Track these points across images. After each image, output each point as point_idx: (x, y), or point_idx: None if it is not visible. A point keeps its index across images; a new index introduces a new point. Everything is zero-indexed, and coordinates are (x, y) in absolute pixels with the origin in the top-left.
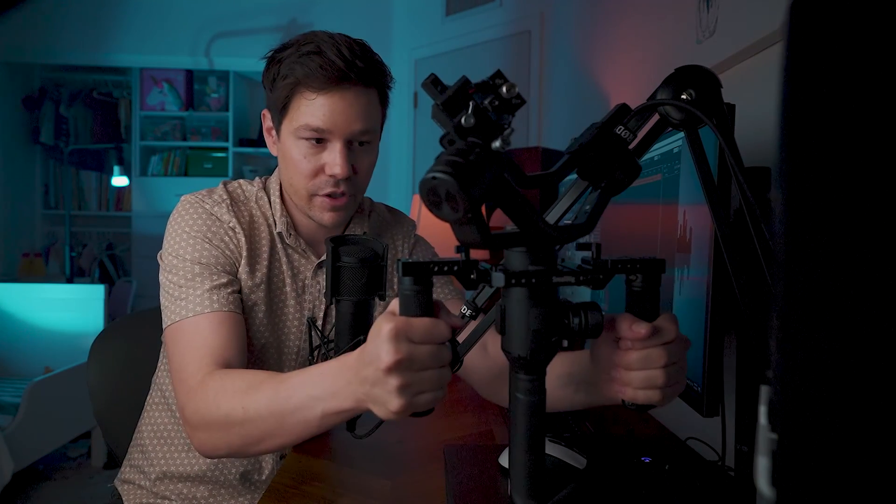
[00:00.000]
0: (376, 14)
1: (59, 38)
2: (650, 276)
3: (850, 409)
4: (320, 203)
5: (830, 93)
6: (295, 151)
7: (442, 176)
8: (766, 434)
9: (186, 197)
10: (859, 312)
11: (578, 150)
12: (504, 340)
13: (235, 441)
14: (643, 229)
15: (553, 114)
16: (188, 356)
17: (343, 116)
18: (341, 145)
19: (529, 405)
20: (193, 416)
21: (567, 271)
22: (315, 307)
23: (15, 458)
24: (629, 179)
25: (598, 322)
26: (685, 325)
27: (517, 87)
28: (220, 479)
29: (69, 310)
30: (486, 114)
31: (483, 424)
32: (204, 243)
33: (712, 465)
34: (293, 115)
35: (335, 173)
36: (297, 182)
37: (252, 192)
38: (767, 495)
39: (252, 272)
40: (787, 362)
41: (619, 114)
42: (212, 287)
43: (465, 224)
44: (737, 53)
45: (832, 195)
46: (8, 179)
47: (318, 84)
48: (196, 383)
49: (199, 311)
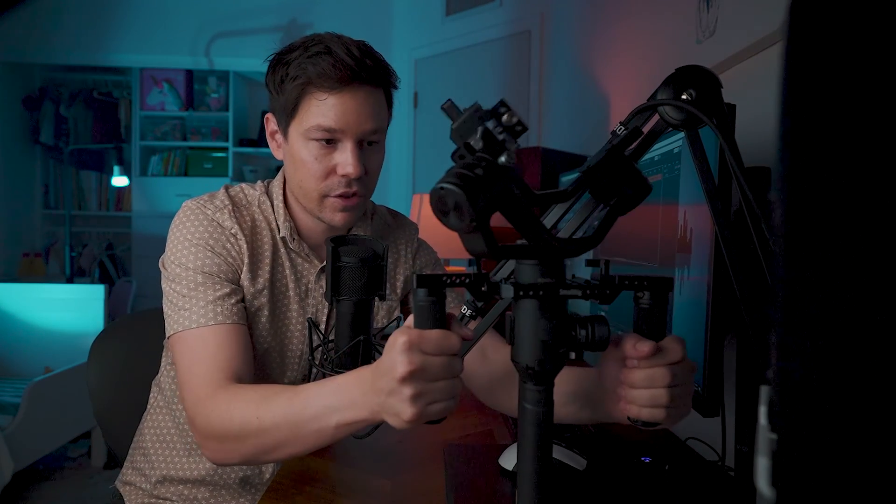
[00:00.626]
0: (376, 14)
1: (59, 38)
2: (658, 294)
3: (850, 409)
4: (332, 204)
5: (830, 93)
6: (305, 153)
7: (449, 186)
8: (766, 434)
9: (188, 203)
10: (859, 312)
11: (588, 171)
12: (513, 351)
13: (249, 451)
14: (644, 230)
15: (553, 114)
16: (196, 368)
17: (354, 116)
18: (353, 145)
19: (538, 415)
20: (205, 428)
21: (575, 285)
22: (318, 311)
23: (15, 458)
24: (639, 198)
25: (604, 335)
26: (685, 326)
27: (517, 115)
28: (220, 482)
29: (69, 310)
30: (494, 136)
31: (483, 424)
32: (206, 251)
33: (712, 465)
34: (303, 117)
35: (348, 173)
36: (308, 184)
37: (254, 197)
38: (767, 495)
39: (254, 278)
40: (787, 362)
41: (629, 137)
42: (216, 298)
43: (471, 233)
44: (737, 53)
45: (832, 195)
46: (8, 179)
47: (330, 84)
48: (206, 395)
49: (202, 323)
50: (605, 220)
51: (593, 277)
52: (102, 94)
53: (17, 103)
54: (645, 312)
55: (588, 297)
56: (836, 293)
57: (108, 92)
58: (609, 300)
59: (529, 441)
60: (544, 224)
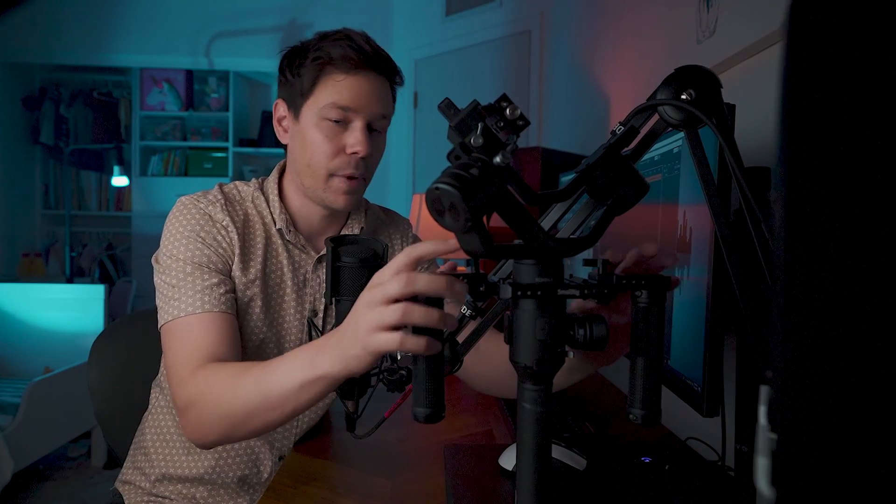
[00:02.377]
0: (376, 14)
1: (59, 38)
2: (656, 293)
3: (850, 409)
4: (337, 185)
5: (830, 93)
6: (316, 132)
7: (445, 187)
8: (766, 434)
9: (182, 198)
10: (859, 312)
11: (585, 170)
12: (512, 350)
13: (223, 421)
14: (643, 229)
15: (553, 114)
16: (181, 352)
17: (367, 98)
18: (363, 125)
19: (537, 415)
20: (184, 400)
21: (572, 285)
22: (316, 300)
23: (15, 458)
24: (636, 198)
25: (602, 334)
26: (685, 325)
27: (520, 109)
28: (218, 480)
29: (69, 310)
30: (493, 133)
31: (483, 424)
32: (197, 242)
33: (712, 465)
34: (319, 96)
35: (357, 151)
36: (318, 162)
37: (248, 193)
38: (767, 495)
39: (245, 269)
40: (787, 362)
41: (626, 136)
42: (204, 287)
43: (467, 233)
44: (737, 53)
45: (832, 195)
46: (8, 179)
47: (348, 65)
48: (188, 373)
49: (190, 311)
50: (602, 220)
51: (591, 277)
52: (102, 94)
53: (17, 103)
54: (643, 312)
55: (586, 296)
56: (836, 293)
57: (108, 92)
58: (607, 300)
59: (528, 441)
60: (542, 225)
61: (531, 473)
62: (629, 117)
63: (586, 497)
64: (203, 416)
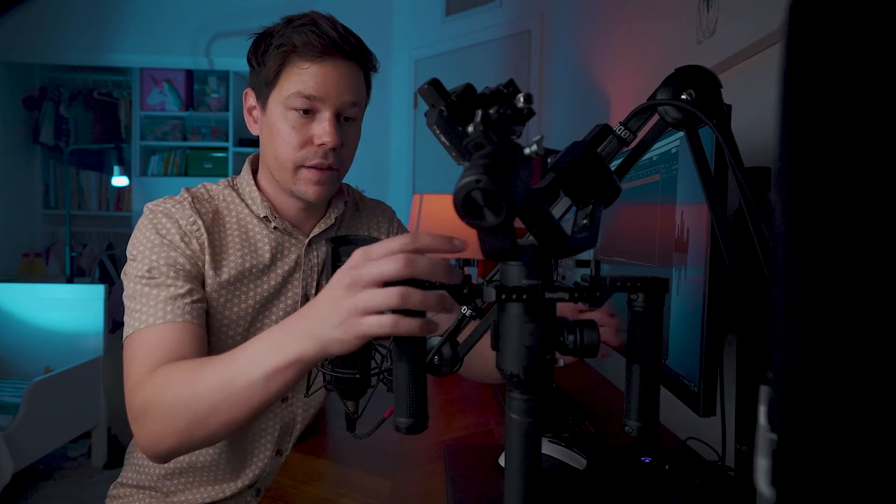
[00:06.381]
0: (376, 14)
1: (59, 38)
2: (653, 296)
3: (850, 409)
4: (306, 176)
5: (830, 93)
6: (283, 123)
7: (485, 178)
8: (765, 434)
9: (148, 204)
10: (859, 312)
11: (563, 170)
12: (497, 357)
13: (179, 423)
14: (641, 229)
15: (553, 114)
16: (137, 358)
17: (334, 86)
18: (331, 115)
19: (525, 426)
20: (139, 405)
21: (562, 287)
22: (308, 284)
23: (15, 458)
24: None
25: (593, 340)
26: (683, 325)
27: (524, 93)
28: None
29: (69, 310)
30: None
31: (483, 424)
32: (162, 247)
33: (712, 465)
34: (284, 85)
35: (325, 142)
36: (284, 153)
37: (217, 191)
38: (767, 495)
39: (217, 266)
40: (787, 362)
41: (600, 134)
42: (168, 297)
43: (498, 232)
44: (737, 53)
45: (832, 195)
46: (8, 179)
47: (312, 53)
48: (143, 377)
49: (150, 323)
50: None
51: (583, 279)
52: (102, 94)
53: (17, 103)
54: (639, 316)
55: (576, 299)
56: (836, 293)
57: (108, 92)
58: (599, 303)
59: (516, 454)
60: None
61: (520, 488)
62: (629, 117)
63: (586, 497)
64: (158, 418)
